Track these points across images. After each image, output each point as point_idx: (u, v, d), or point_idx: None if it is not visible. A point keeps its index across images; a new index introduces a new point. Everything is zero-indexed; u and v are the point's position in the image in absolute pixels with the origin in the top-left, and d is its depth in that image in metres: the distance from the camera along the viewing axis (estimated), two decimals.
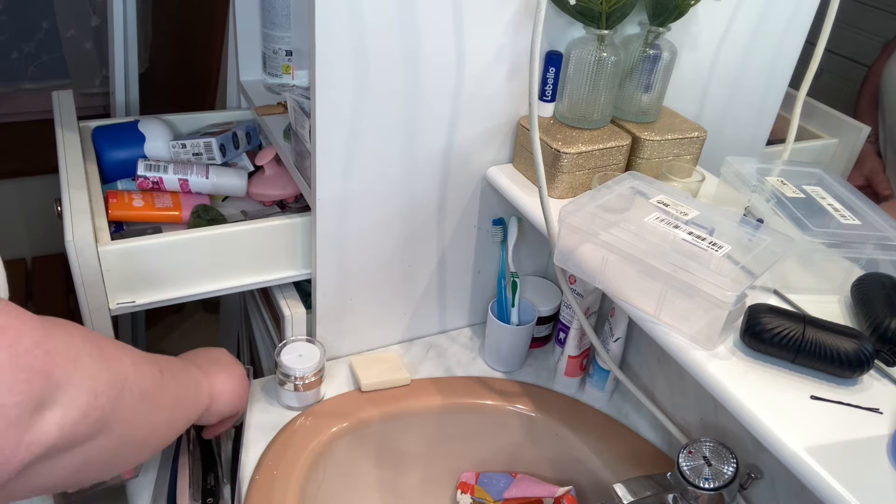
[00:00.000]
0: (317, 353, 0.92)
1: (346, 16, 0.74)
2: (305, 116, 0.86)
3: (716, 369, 0.63)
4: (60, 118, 1.06)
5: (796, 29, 0.99)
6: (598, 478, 0.91)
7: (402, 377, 0.98)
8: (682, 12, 0.83)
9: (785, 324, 0.63)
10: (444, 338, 1.08)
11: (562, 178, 0.84)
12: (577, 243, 0.73)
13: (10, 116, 2.05)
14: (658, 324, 0.68)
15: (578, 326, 0.94)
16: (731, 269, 0.64)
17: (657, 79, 0.87)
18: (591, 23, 0.81)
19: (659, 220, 0.71)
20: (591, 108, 0.86)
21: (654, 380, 0.95)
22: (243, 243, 0.91)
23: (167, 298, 0.90)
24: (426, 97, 0.84)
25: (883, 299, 0.67)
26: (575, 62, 0.84)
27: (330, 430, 0.91)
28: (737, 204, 0.80)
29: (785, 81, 1.03)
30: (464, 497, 0.96)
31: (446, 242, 0.99)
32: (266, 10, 1.06)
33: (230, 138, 1.09)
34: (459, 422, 0.97)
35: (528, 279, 1.08)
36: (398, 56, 0.79)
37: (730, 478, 0.68)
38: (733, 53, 0.98)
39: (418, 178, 0.90)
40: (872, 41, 1.00)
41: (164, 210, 0.98)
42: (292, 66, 1.10)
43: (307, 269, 0.97)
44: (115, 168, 1.04)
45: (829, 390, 0.62)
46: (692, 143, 0.88)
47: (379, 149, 0.85)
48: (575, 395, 1.00)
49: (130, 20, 1.44)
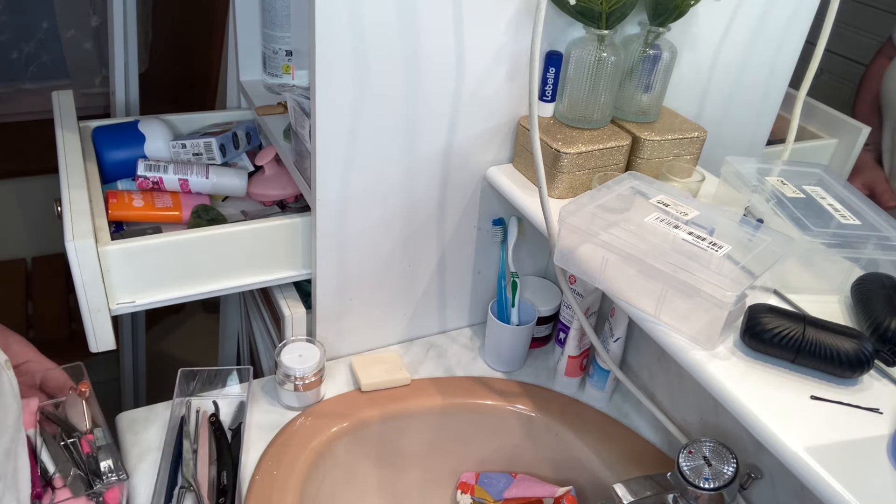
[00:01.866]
0: (317, 353, 0.92)
1: (346, 16, 0.74)
2: (305, 116, 0.86)
3: (716, 369, 0.63)
4: (60, 118, 1.06)
5: (796, 29, 0.99)
6: (598, 478, 0.91)
7: (402, 377, 0.98)
8: (682, 12, 0.83)
9: (785, 324, 0.63)
10: (444, 338, 1.08)
11: (562, 178, 0.84)
12: (577, 243, 0.73)
13: (10, 116, 2.05)
14: (658, 324, 0.68)
15: (578, 326, 0.94)
16: (731, 270, 0.64)
17: (657, 79, 0.87)
18: (591, 23, 0.81)
19: (659, 220, 0.71)
20: (591, 108, 0.86)
21: (654, 380, 0.95)
22: (243, 243, 0.91)
23: (167, 298, 0.90)
24: (426, 97, 0.84)
25: (883, 299, 0.67)
26: (575, 62, 0.84)
27: (330, 430, 0.91)
28: (737, 204, 0.80)
29: (785, 81, 1.03)
30: (464, 497, 0.96)
31: (446, 242, 0.99)
32: (266, 10, 1.06)
33: (230, 138, 1.09)
34: (459, 422, 0.97)
35: (528, 279, 1.08)
36: (398, 56, 0.79)
37: (730, 478, 0.68)
38: (733, 53, 0.98)
39: (418, 178, 0.90)
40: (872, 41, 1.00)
41: (164, 210, 0.98)
42: (292, 66, 1.10)
43: (307, 269, 0.97)
44: (115, 168, 1.04)
45: (829, 390, 0.62)
46: (692, 143, 0.88)
47: (379, 149, 0.85)
48: (575, 395, 1.00)
49: (130, 20, 1.44)
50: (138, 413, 0.92)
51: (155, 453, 0.86)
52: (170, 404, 0.91)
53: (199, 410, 0.91)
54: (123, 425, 0.90)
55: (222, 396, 0.94)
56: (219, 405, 0.92)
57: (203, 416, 0.89)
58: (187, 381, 0.93)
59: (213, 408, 0.91)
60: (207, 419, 0.89)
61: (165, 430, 0.88)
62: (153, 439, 0.88)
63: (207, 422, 0.88)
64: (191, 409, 0.91)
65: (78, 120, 1.07)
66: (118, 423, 0.91)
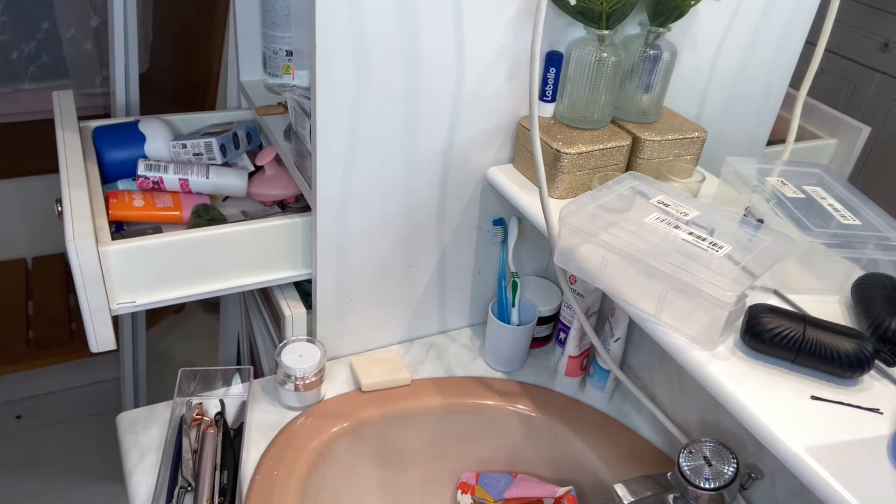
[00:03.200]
0: (317, 353, 0.92)
1: (346, 16, 0.74)
2: (306, 116, 0.86)
3: (716, 369, 0.64)
4: (61, 118, 1.06)
5: (796, 29, 0.99)
6: (598, 478, 0.91)
7: (402, 377, 0.98)
8: (682, 12, 0.83)
9: (785, 324, 0.63)
10: (444, 338, 1.08)
11: (562, 178, 0.84)
12: (577, 243, 0.73)
13: (10, 116, 2.05)
14: (658, 324, 0.68)
15: (579, 326, 0.94)
16: (731, 270, 0.64)
17: (657, 79, 0.87)
18: (591, 23, 0.81)
19: (659, 220, 0.71)
20: (592, 108, 0.86)
21: (654, 380, 0.95)
22: (243, 243, 0.91)
23: (167, 298, 0.90)
24: (426, 97, 0.84)
25: (883, 299, 0.67)
26: (575, 62, 0.84)
27: (330, 430, 0.91)
28: (737, 204, 0.80)
29: (785, 81, 1.03)
30: (464, 497, 0.96)
31: (446, 242, 0.99)
32: (266, 11, 1.06)
33: (230, 138, 1.09)
34: (460, 422, 0.97)
35: (529, 279, 1.08)
36: (398, 56, 0.79)
37: (730, 478, 0.68)
38: (733, 53, 0.98)
39: (419, 178, 0.90)
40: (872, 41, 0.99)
41: (165, 210, 0.98)
42: (292, 66, 1.10)
43: (307, 269, 0.97)
44: (116, 168, 1.04)
45: (829, 390, 0.62)
46: (692, 144, 0.88)
47: (379, 149, 0.85)
48: (575, 395, 1.00)
49: (130, 20, 1.44)
50: (138, 413, 0.92)
51: (155, 453, 0.86)
52: (170, 404, 0.91)
53: (199, 409, 0.90)
54: (123, 425, 0.90)
55: (223, 397, 0.94)
56: (225, 404, 0.92)
57: (202, 414, 0.89)
58: (188, 382, 0.93)
59: (220, 406, 0.91)
60: (213, 418, 0.89)
61: (166, 430, 0.88)
62: (153, 439, 0.88)
63: (214, 421, 0.88)
64: (191, 409, 0.91)
65: (78, 120, 1.07)
66: (118, 423, 0.91)
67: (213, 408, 0.92)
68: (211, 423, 0.88)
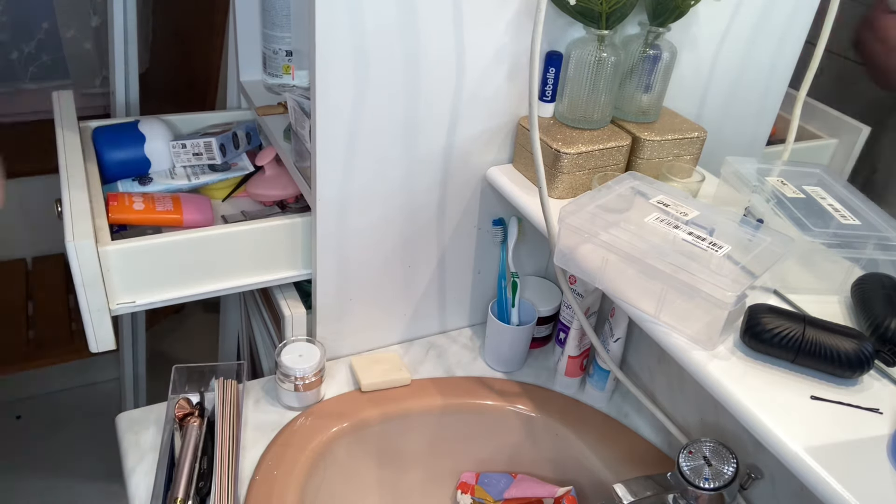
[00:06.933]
0: (317, 353, 0.92)
1: (346, 16, 0.74)
2: (305, 117, 0.86)
3: (716, 369, 0.64)
4: (60, 118, 1.06)
5: (796, 29, 0.99)
6: (598, 478, 0.91)
7: (402, 377, 0.98)
8: (682, 12, 0.83)
9: (785, 324, 0.63)
10: (444, 338, 1.08)
11: (562, 178, 0.84)
12: (577, 243, 0.73)
13: (10, 116, 2.05)
14: (658, 324, 0.68)
15: (578, 326, 0.94)
16: (731, 270, 0.64)
17: (657, 79, 0.87)
18: (591, 23, 0.81)
19: (659, 220, 0.71)
20: (592, 108, 0.86)
21: (654, 380, 0.95)
22: (243, 243, 0.91)
23: (167, 298, 0.90)
24: (426, 97, 0.84)
25: (883, 299, 0.67)
26: (575, 62, 0.84)
27: (330, 431, 0.91)
28: (737, 204, 0.80)
29: (785, 81, 1.03)
30: (464, 497, 0.96)
31: (446, 242, 0.99)
32: (266, 11, 1.06)
33: (230, 138, 1.09)
34: (459, 422, 0.97)
35: (529, 279, 1.08)
36: (398, 56, 0.79)
37: (730, 478, 0.68)
38: (733, 53, 0.98)
39: (418, 179, 0.90)
40: None
41: (165, 213, 0.98)
42: (292, 67, 1.10)
43: (307, 269, 0.97)
44: (116, 168, 1.04)
45: (829, 390, 0.62)
46: (692, 144, 0.88)
47: (379, 149, 0.85)
48: (575, 395, 1.00)
49: (130, 20, 1.44)
50: (138, 413, 0.92)
51: (155, 453, 0.86)
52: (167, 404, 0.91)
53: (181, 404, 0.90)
54: (123, 425, 0.90)
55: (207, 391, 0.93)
56: (205, 396, 0.91)
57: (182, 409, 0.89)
58: (182, 379, 0.93)
59: (199, 397, 0.91)
60: (193, 408, 0.89)
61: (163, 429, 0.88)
62: (153, 439, 0.88)
63: (194, 412, 0.88)
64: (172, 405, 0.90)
65: (78, 120, 1.07)
66: (118, 424, 0.91)
67: (208, 403, 0.92)
68: (192, 414, 0.88)
